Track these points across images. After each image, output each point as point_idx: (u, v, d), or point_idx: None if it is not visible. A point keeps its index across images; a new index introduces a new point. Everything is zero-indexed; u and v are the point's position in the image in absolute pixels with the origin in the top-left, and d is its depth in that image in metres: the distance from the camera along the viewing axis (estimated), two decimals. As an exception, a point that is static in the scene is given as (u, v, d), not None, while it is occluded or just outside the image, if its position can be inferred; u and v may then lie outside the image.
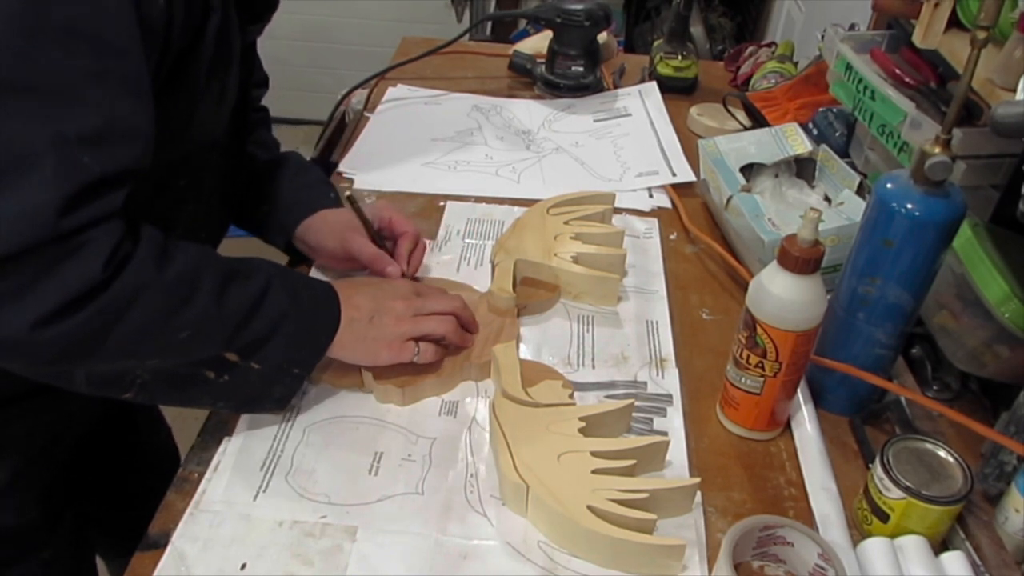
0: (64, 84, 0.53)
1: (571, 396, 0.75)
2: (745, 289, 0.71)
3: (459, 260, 0.96)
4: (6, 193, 0.52)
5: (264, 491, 0.67)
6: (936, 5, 0.85)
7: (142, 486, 0.84)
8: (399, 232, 0.87)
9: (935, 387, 0.82)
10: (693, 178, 1.12)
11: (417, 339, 0.74)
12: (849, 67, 1.01)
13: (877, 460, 0.65)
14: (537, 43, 1.45)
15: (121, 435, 1.01)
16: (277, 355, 0.67)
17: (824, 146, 1.02)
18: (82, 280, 0.54)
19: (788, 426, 0.77)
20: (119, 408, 0.79)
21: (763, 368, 0.70)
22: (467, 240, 1.00)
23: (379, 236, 0.86)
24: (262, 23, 0.79)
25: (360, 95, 1.33)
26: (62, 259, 0.54)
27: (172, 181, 0.72)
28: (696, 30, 2.17)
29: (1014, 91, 0.73)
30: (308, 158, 1.17)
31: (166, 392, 0.65)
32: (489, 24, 2.61)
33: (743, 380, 0.72)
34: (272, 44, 3.08)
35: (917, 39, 0.89)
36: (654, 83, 1.37)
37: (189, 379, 0.65)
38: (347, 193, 0.84)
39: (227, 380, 0.66)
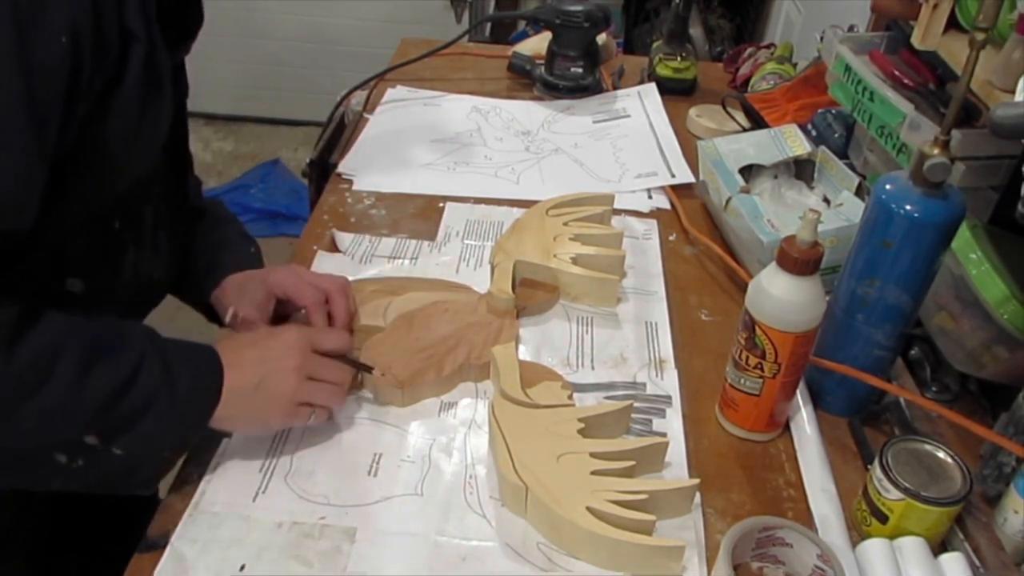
0: None
1: (570, 397, 0.75)
2: (744, 290, 0.71)
3: (458, 261, 0.96)
4: None
5: (263, 492, 0.67)
6: (935, 6, 0.85)
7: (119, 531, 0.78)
8: (301, 306, 0.80)
9: (934, 388, 0.82)
10: (692, 179, 1.12)
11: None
12: (848, 68, 1.01)
13: (876, 461, 0.65)
14: (536, 44, 1.45)
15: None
16: (145, 438, 0.61)
17: (823, 147, 1.02)
18: None
19: (787, 427, 0.77)
20: None
21: (762, 369, 0.70)
22: (466, 241, 1.00)
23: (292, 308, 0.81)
24: (190, 41, 0.74)
25: (359, 96, 1.33)
26: None
27: (106, 225, 0.67)
28: (695, 31, 2.17)
29: (1013, 92, 0.74)
30: (308, 159, 1.18)
31: (4, 474, 0.60)
32: (488, 25, 2.61)
33: (742, 381, 0.72)
34: (271, 45, 3.12)
35: (916, 40, 0.89)
36: (653, 84, 1.37)
37: (35, 462, 0.59)
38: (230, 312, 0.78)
39: (81, 465, 0.59)
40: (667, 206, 1.10)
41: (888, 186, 0.67)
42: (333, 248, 0.97)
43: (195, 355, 0.66)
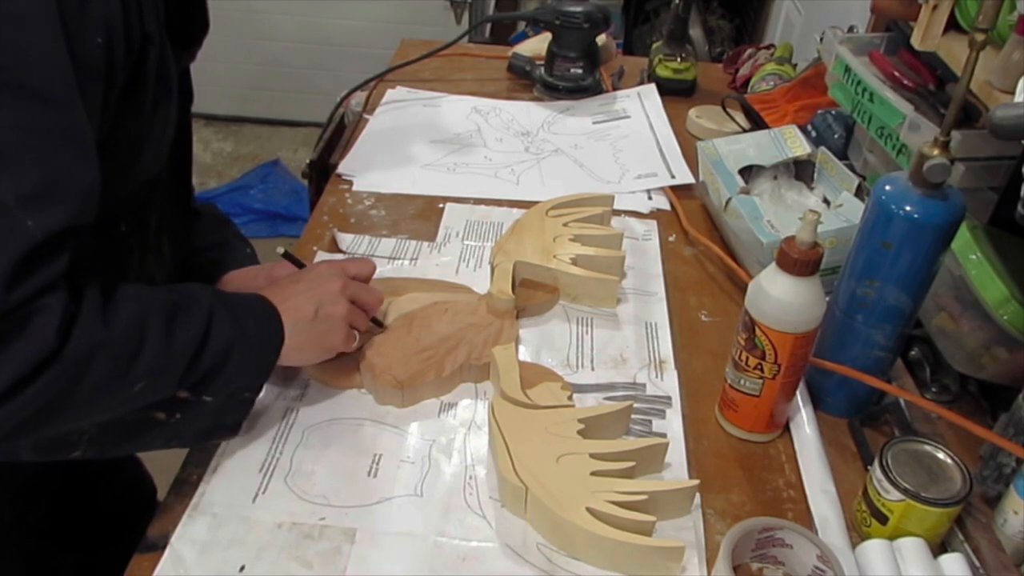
0: None
1: (570, 398, 0.75)
2: (744, 291, 0.71)
3: (458, 262, 0.96)
4: None
5: (263, 493, 0.67)
6: (934, 7, 0.85)
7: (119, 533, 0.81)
8: None
9: (934, 389, 0.82)
10: (692, 180, 1.12)
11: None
12: (848, 69, 1.01)
13: (876, 462, 0.65)
14: (536, 45, 1.46)
15: (93, 481, 0.94)
16: (228, 384, 0.65)
17: (823, 148, 1.02)
18: (35, 352, 0.51)
19: (787, 428, 0.77)
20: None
21: (762, 370, 0.70)
22: (466, 242, 1.00)
23: None
24: (196, 47, 0.76)
25: (359, 97, 1.33)
26: (12, 333, 0.51)
27: (112, 228, 0.69)
28: (695, 32, 2.18)
29: (1012, 93, 0.74)
30: (307, 160, 1.18)
31: (116, 443, 0.63)
32: (488, 26, 2.61)
33: (742, 382, 0.72)
34: (271, 46, 3.12)
35: (916, 41, 0.89)
36: (653, 85, 1.37)
37: (140, 425, 0.63)
38: (281, 250, 0.78)
39: (179, 418, 0.64)
40: (667, 207, 1.10)
41: (888, 187, 0.67)
42: (333, 248, 0.97)
43: (253, 303, 0.69)
